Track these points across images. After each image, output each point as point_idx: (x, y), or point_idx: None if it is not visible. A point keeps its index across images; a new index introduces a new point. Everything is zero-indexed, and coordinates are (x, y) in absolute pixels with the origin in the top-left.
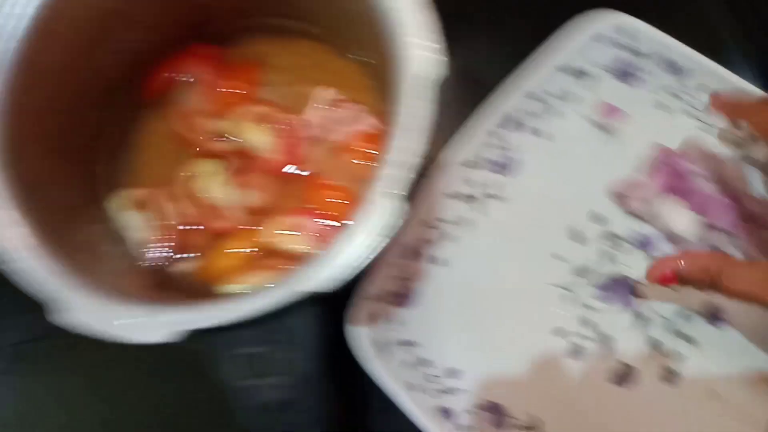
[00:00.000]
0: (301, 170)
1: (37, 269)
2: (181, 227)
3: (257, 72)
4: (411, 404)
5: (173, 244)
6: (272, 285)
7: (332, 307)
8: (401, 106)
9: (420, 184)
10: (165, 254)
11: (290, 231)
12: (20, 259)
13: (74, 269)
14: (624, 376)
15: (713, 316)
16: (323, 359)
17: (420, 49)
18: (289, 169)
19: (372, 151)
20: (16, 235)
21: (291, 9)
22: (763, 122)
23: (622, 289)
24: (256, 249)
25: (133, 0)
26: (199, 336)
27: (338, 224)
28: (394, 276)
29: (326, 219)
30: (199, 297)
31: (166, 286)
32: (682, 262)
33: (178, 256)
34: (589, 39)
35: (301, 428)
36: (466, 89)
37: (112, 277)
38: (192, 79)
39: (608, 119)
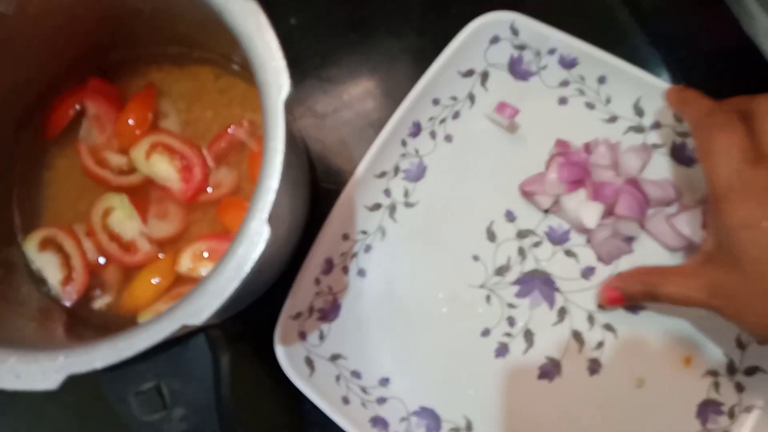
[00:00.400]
0: (212, 194)
1: None
2: (96, 263)
3: (155, 102)
4: (345, 420)
5: (90, 281)
6: (149, 321)
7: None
8: (264, 127)
9: (338, 198)
10: (83, 292)
11: (206, 256)
12: None
13: None
14: (551, 370)
15: (632, 305)
16: (231, 385)
17: (269, 71)
18: (200, 195)
19: None
20: None
21: (174, 36)
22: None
23: (542, 285)
24: (173, 279)
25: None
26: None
27: None
28: (318, 292)
29: None
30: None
31: (87, 324)
32: (619, 284)
33: (97, 292)
34: (487, 41)
35: None
36: (376, 102)
37: (24, 321)
38: (93, 114)
39: (512, 119)
